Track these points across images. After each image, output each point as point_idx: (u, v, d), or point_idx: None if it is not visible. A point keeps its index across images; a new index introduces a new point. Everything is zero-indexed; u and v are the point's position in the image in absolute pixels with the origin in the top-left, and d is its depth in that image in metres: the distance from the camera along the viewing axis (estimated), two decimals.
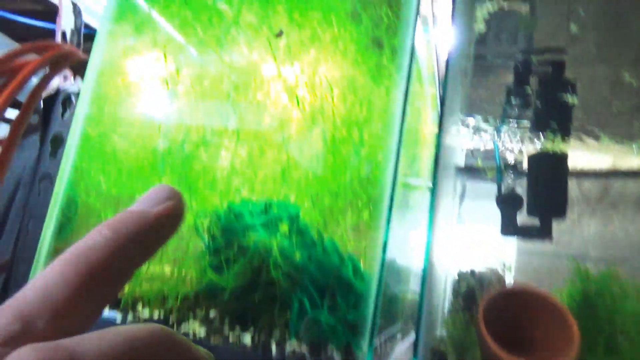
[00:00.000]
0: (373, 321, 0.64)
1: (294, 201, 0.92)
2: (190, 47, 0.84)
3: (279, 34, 0.73)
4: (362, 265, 0.93)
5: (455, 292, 1.63)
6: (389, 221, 0.69)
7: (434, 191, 0.85)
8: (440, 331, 1.09)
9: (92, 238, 0.21)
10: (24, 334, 0.18)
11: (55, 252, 0.79)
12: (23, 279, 0.76)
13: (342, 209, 0.91)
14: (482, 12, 0.75)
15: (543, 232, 1.41)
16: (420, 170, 1.23)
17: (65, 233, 0.88)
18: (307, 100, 0.86)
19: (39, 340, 0.17)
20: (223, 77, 0.82)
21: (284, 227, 0.84)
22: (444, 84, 0.85)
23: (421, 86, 1.11)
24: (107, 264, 0.20)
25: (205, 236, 0.80)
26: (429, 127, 1.30)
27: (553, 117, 1.33)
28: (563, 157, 1.55)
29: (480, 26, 0.81)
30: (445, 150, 1.02)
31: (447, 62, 0.86)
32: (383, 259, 0.72)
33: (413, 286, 1.20)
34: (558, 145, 1.53)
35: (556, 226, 1.73)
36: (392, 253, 0.76)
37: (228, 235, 0.75)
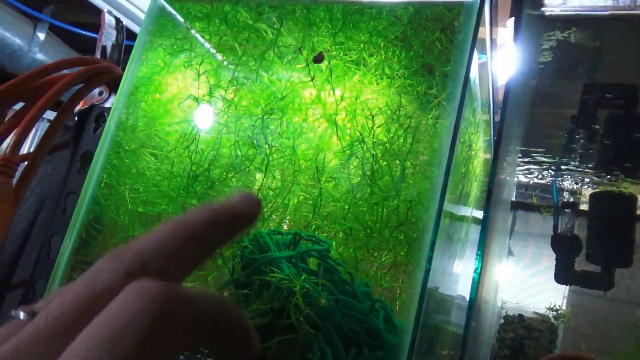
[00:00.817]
0: None
1: (326, 234, 0.86)
2: (227, 66, 0.80)
3: (318, 59, 0.68)
4: (397, 304, 0.85)
5: (501, 338, 1.50)
6: (428, 272, 0.61)
7: (485, 226, 0.77)
8: None
9: (193, 215, 0.27)
10: (141, 272, 0.23)
11: (73, 269, 0.77)
12: (41, 297, 0.74)
13: (378, 245, 0.84)
14: (548, 41, 0.66)
15: (604, 283, 1.26)
16: (468, 200, 1.14)
17: (88, 249, 0.86)
18: (347, 128, 0.80)
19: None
20: (259, 99, 0.78)
21: (313, 262, 0.77)
22: (501, 115, 0.77)
23: (473, 114, 1.02)
24: (201, 234, 0.27)
25: (229, 265, 0.75)
26: (480, 155, 1.21)
27: (622, 155, 1.20)
28: (631, 198, 1.39)
29: (545, 55, 0.72)
30: (499, 183, 0.93)
31: (507, 91, 0.77)
32: (420, 310, 0.63)
33: (454, 318, 1.09)
34: (625, 185, 1.38)
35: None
36: (433, 284, 0.69)
37: (250, 268, 0.70)
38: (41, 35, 2.16)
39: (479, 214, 1.16)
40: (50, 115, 0.80)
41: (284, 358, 0.66)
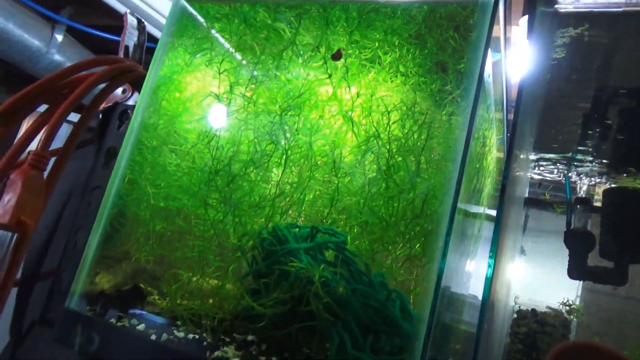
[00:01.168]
0: None
1: (341, 228, 0.88)
2: (246, 65, 0.82)
3: (336, 56, 0.70)
4: (412, 297, 0.87)
5: (514, 332, 1.51)
6: (442, 268, 0.63)
7: (498, 223, 0.78)
8: None
9: None
10: None
11: (99, 261, 0.80)
12: (68, 287, 0.76)
13: (393, 238, 0.86)
14: (562, 37, 0.68)
15: (617, 278, 1.27)
16: (481, 196, 1.15)
17: (112, 242, 0.88)
18: (362, 124, 0.82)
19: None
20: (277, 97, 0.80)
21: (330, 256, 0.79)
22: (515, 113, 0.78)
23: (487, 110, 1.04)
24: None
25: (248, 257, 0.77)
26: (493, 153, 1.22)
27: (635, 152, 1.20)
28: None
29: (558, 52, 0.73)
30: (512, 180, 0.94)
31: (520, 89, 0.79)
32: (435, 302, 0.65)
33: (467, 316, 1.10)
34: (638, 182, 1.38)
35: (631, 266, 1.56)
36: (445, 282, 0.70)
37: (270, 259, 0.72)
38: (59, 37, 2.20)
39: (492, 212, 1.17)
40: (72, 116, 0.83)
41: (304, 344, 0.68)
